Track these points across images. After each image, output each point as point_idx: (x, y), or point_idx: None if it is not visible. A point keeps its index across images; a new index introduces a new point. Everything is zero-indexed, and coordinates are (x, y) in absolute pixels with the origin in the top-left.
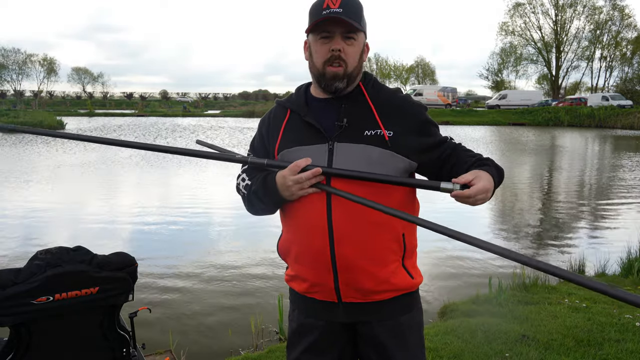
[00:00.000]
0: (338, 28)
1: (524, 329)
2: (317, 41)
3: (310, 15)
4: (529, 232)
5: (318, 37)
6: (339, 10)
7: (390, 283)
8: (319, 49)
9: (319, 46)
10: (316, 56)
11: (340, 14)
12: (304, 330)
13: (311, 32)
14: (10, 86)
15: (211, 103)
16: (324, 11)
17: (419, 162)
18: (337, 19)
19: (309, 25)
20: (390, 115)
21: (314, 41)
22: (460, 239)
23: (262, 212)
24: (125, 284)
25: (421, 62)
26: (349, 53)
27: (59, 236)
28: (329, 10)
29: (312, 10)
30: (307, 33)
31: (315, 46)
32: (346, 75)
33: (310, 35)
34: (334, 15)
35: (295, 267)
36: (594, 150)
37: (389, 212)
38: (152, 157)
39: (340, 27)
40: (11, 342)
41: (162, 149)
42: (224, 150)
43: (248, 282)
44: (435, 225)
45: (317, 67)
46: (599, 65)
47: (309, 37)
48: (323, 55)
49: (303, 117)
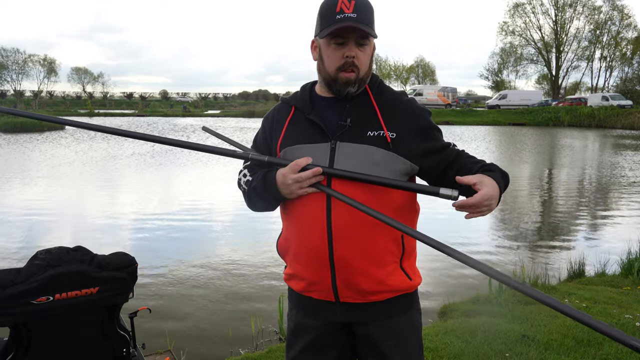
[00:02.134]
0: (352, 34)
1: (524, 329)
2: (330, 46)
3: (322, 17)
4: (529, 232)
5: (331, 42)
6: (353, 15)
7: (387, 284)
8: (331, 54)
9: (331, 51)
10: (328, 61)
11: (355, 20)
12: (302, 330)
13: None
14: (11, 86)
15: (211, 103)
16: (338, 15)
17: (420, 165)
18: (354, 27)
19: (321, 29)
20: (393, 117)
21: (325, 45)
22: (451, 255)
23: (261, 208)
24: (125, 284)
25: (421, 62)
26: (362, 59)
27: (58, 236)
28: (343, 15)
29: (324, 12)
30: (317, 36)
31: (327, 51)
32: (358, 80)
33: (321, 39)
34: (350, 22)
35: (293, 265)
36: (594, 150)
37: (386, 220)
38: (152, 158)
39: (355, 33)
40: (11, 342)
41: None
42: (230, 141)
43: (248, 282)
44: (429, 239)
45: (328, 72)
46: (599, 65)
47: (318, 40)
48: (336, 61)
49: (307, 115)
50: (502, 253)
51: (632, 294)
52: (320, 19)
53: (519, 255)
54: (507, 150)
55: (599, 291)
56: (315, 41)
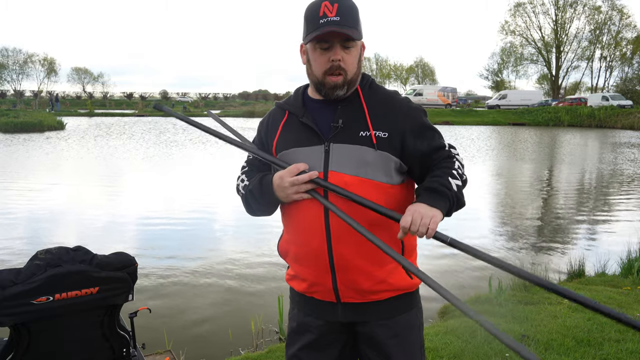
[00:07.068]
0: (336, 38)
1: (524, 329)
2: (316, 51)
3: (306, 22)
4: (529, 232)
5: (317, 46)
6: (336, 19)
7: (388, 283)
8: (317, 58)
9: (317, 56)
10: (315, 65)
11: (338, 24)
12: (303, 329)
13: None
14: (11, 86)
15: (211, 103)
16: (321, 20)
17: (410, 165)
18: (336, 32)
19: (306, 34)
20: (384, 117)
21: (312, 50)
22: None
23: (258, 212)
24: (125, 284)
25: (421, 62)
26: (348, 61)
27: (58, 236)
28: (326, 20)
29: (308, 17)
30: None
31: (313, 55)
32: (346, 83)
33: (308, 44)
34: (333, 26)
35: (294, 267)
36: (594, 150)
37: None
38: (151, 157)
39: (339, 36)
40: (11, 342)
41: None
42: (233, 131)
43: (248, 282)
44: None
45: (316, 76)
46: (599, 65)
47: (306, 44)
48: (323, 65)
49: (300, 119)
50: (502, 253)
51: (632, 294)
52: (305, 24)
53: (519, 255)
54: (507, 150)
55: (599, 291)
56: (303, 45)
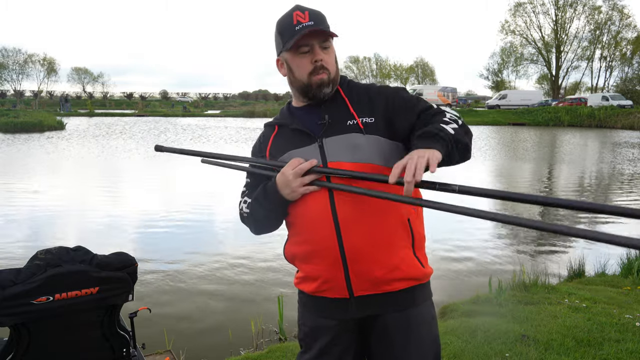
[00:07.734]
0: (315, 40)
1: (524, 329)
2: (297, 56)
3: (281, 34)
4: (529, 232)
5: (297, 52)
6: (310, 23)
7: (401, 270)
8: (300, 63)
9: (299, 61)
10: (299, 70)
11: (314, 27)
12: (318, 332)
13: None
14: (10, 86)
15: (211, 103)
16: (297, 27)
17: (405, 142)
18: (317, 30)
19: (284, 43)
20: (367, 104)
21: (292, 57)
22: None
23: (265, 220)
24: (125, 284)
25: (421, 62)
26: (329, 61)
27: (58, 236)
28: (301, 25)
29: (282, 28)
30: (282, 51)
31: (295, 61)
32: (331, 80)
33: (286, 53)
34: (312, 28)
35: (304, 267)
36: (594, 150)
37: (392, 197)
38: (152, 156)
39: (317, 38)
40: (11, 342)
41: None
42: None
43: (248, 282)
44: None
45: (301, 80)
46: (599, 65)
47: (283, 55)
48: (306, 68)
49: (290, 126)
50: (502, 253)
51: (632, 294)
52: (280, 37)
53: (519, 255)
54: (507, 150)
55: (599, 291)
56: (280, 58)
